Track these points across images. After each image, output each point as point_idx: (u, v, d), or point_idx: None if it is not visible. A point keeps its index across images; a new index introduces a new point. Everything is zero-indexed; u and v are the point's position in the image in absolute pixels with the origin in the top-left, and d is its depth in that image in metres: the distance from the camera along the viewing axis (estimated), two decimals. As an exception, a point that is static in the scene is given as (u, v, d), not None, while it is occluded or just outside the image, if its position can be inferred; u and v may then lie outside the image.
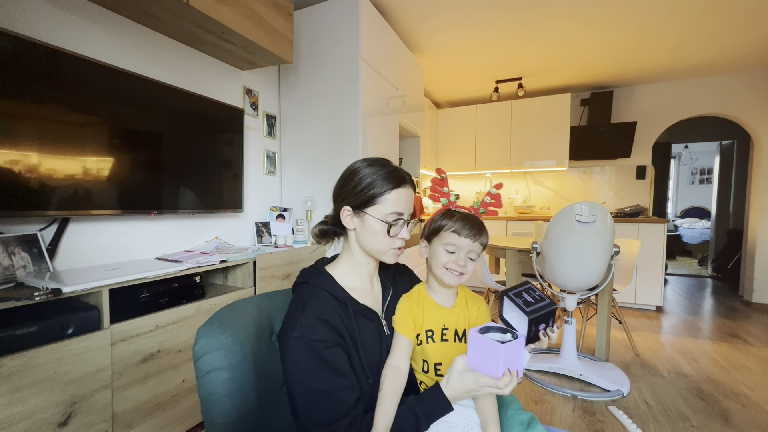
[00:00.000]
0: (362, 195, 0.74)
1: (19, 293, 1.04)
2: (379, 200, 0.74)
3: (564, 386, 1.96)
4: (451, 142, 4.36)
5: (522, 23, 2.65)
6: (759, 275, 3.61)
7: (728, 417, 1.70)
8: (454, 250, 0.76)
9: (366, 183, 0.74)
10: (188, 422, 1.44)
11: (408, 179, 0.77)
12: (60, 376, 1.04)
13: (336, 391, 0.64)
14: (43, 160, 1.23)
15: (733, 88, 3.65)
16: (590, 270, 1.92)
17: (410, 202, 0.77)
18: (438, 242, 0.79)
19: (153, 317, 1.32)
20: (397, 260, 0.80)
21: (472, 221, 0.77)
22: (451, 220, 0.78)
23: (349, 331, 0.71)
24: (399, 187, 0.74)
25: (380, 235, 0.74)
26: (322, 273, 0.77)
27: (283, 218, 2.30)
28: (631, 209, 3.62)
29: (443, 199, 0.84)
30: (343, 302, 0.73)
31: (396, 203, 0.74)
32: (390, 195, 0.74)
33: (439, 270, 0.78)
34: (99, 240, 1.52)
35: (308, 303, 0.70)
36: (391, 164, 0.78)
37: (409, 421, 0.66)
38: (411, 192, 0.78)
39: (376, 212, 0.74)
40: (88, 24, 1.45)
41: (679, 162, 8.07)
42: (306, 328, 0.66)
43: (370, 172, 0.75)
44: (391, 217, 0.74)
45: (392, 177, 0.75)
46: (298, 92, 2.37)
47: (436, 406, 0.67)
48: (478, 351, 0.64)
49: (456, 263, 0.76)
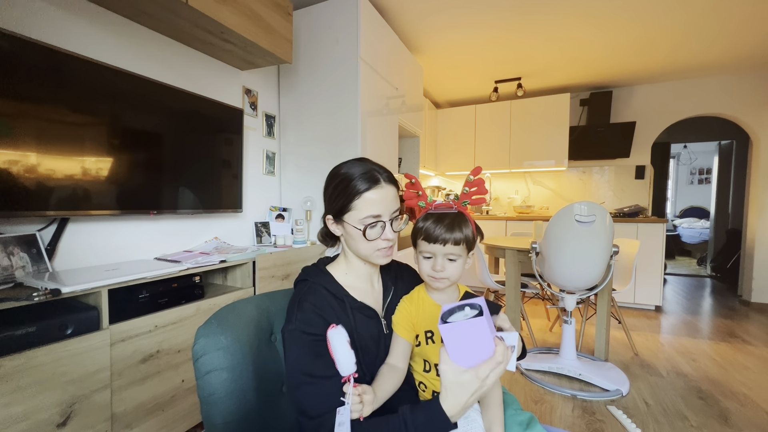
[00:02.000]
0: (337, 203, 0.73)
1: (18, 293, 1.04)
2: (352, 206, 0.72)
3: (563, 386, 1.96)
4: (450, 142, 4.36)
5: (521, 23, 2.65)
6: (758, 275, 3.62)
7: (727, 416, 1.70)
8: (430, 255, 0.75)
9: (340, 189, 0.73)
10: (187, 423, 1.44)
11: (384, 177, 0.73)
12: (59, 376, 1.04)
13: (326, 384, 0.64)
14: (42, 160, 1.23)
15: (732, 88, 3.65)
16: (589, 270, 1.92)
17: (390, 201, 0.73)
18: (417, 250, 0.78)
19: (152, 317, 1.31)
20: (387, 261, 0.77)
21: (441, 221, 0.73)
22: (424, 222, 0.75)
23: (345, 326, 0.71)
24: (373, 188, 0.71)
25: (360, 241, 0.73)
26: (321, 271, 0.78)
27: (282, 218, 2.30)
28: (630, 209, 3.62)
29: (420, 203, 0.81)
30: (340, 299, 0.74)
31: (371, 205, 0.71)
32: (362, 199, 0.71)
33: (425, 278, 0.78)
34: (98, 240, 1.51)
35: (305, 298, 0.71)
36: (368, 163, 0.75)
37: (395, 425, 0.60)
38: (390, 190, 0.74)
39: (351, 219, 0.72)
40: (87, 24, 1.45)
41: (678, 162, 8.09)
42: (301, 321, 0.67)
43: (344, 176, 0.73)
44: (367, 220, 0.71)
45: (364, 178, 0.71)
46: (297, 92, 2.37)
47: (432, 418, 0.58)
48: (460, 341, 0.56)
49: (434, 269, 0.74)
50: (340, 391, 0.63)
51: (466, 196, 0.81)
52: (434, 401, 0.59)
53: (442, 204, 0.79)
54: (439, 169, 4.45)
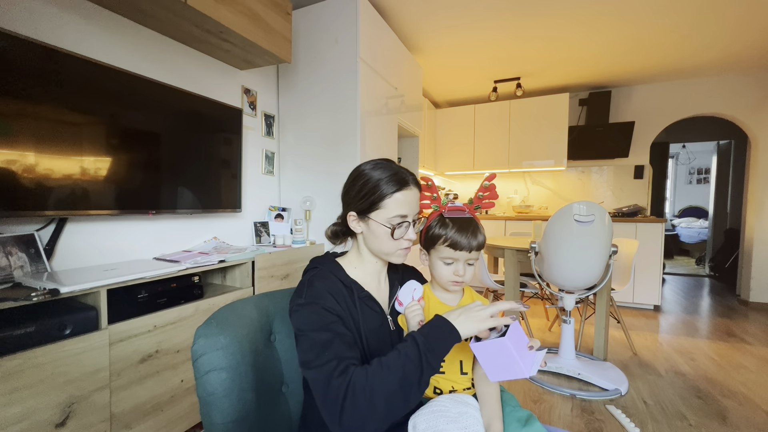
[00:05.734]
0: (365, 200, 0.75)
1: (16, 294, 1.03)
2: (381, 205, 0.74)
3: (562, 385, 1.96)
4: (449, 141, 4.36)
5: (520, 23, 2.66)
6: (756, 274, 3.62)
7: (725, 415, 1.71)
8: (452, 261, 0.77)
9: (368, 188, 0.74)
10: (187, 422, 1.44)
11: (411, 180, 0.77)
12: (58, 376, 1.04)
13: (335, 341, 0.64)
14: (41, 159, 1.22)
15: (730, 88, 3.66)
16: (588, 269, 1.92)
17: (415, 203, 0.77)
18: (435, 255, 0.79)
19: (151, 317, 1.31)
20: (405, 260, 0.80)
21: (465, 228, 0.76)
22: (446, 229, 0.77)
23: (352, 314, 0.73)
24: (402, 190, 0.74)
25: (385, 239, 0.75)
26: (331, 261, 0.80)
27: (281, 218, 2.30)
28: (629, 209, 3.63)
29: (434, 205, 0.84)
30: (348, 287, 0.76)
31: (399, 206, 0.74)
32: (392, 199, 0.73)
33: (441, 281, 0.80)
34: (97, 240, 1.51)
35: (315, 281, 0.73)
36: (395, 165, 0.77)
37: (404, 344, 0.62)
38: (415, 192, 0.77)
39: (379, 217, 0.74)
40: (85, 23, 1.44)
41: (676, 162, 8.10)
42: (311, 296, 0.69)
43: (373, 176, 0.75)
44: (395, 220, 0.74)
45: (394, 180, 0.74)
46: (296, 92, 2.37)
47: (432, 326, 0.64)
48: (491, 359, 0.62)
49: (456, 274, 0.76)
50: (344, 348, 0.64)
51: (479, 200, 0.83)
52: (435, 317, 0.65)
53: (455, 207, 0.80)
54: (439, 169, 4.46)
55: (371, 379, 0.58)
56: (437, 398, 0.75)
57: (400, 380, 0.58)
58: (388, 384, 0.58)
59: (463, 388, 0.78)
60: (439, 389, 0.78)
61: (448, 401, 0.73)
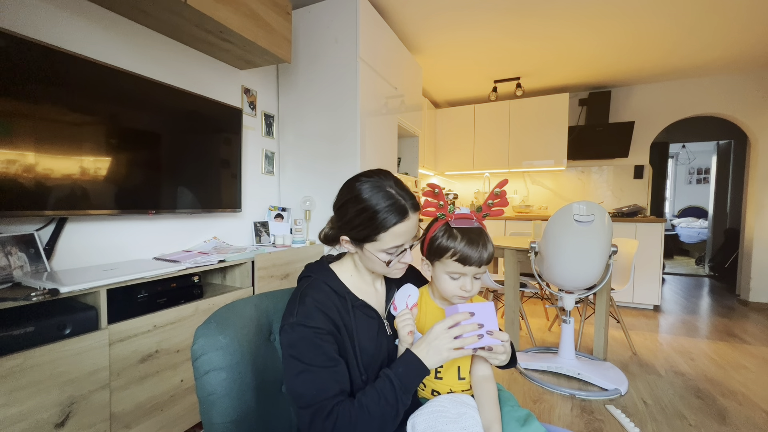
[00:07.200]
0: (360, 231, 0.71)
1: (16, 293, 1.03)
2: (378, 238, 0.70)
3: (562, 385, 1.96)
4: (449, 141, 4.36)
5: (520, 23, 2.65)
6: (756, 274, 3.62)
7: (725, 415, 1.71)
8: (459, 276, 0.73)
9: (365, 218, 0.69)
10: (186, 422, 1.44)
11: (410, 206, 0.71)
12: (57, 376, 1.04)
13: (323, 373, 0.64)
14: (40, 159, 1.22)
15: (730, 88, 3.66)
16: (588, 269, 1.92)
17: (413, 229, 0.73)
18: (441, 268, 0.75)
19: (151, 317, 1.31)
20: (401, 274, 0.79)
21: (475, 241, 0.71)
22: (454, 242, 0.72)
23: (346, 324, 0.72)
24: (401, 222, 0.69)
25: (379, 265, 0.74)
26: (325, 269, 0.78)
27: (281, 218, 2.30)
28: (628, 209, 3.63)
29: (440, 214, 0.79)
30: (342, 296, 0.74)
31: (396, 238, 0.70)
32: (390, 233, 0.69)
33: (446, 295, 0.76)
34: (96, 240, 1.51)
35: (307, 293, 0.71)
36: (394, 187, 0.71)
37: (382, 385, 0.65)
38: (413, 219, 0.72)
39: (373, 248, 0.71)
40: (85, 22, 1.44)
41: (676, 162, 8.11)
42: (302, 315, 0.68)
43: (370, 203, 0.69)
44: (391, 251, 0.71)
45: (393, 210, 0.68)
46: (296, 92, 2.37)
47: (405, 364, 0.67)
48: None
49: (462, 289, 0.73)
50: (335, 382, 0.64)
51: (488, 208, 0.79)
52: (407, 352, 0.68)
53: (462, 215, 0.76)
54: (438, 169, 4.45)
55: (353, 422, 0.62)
56: (436, 398, 0.75)
57: (379, 424, 0.63)
58: (369, 428, 0.63)
59: (460, 391, 0.78)
60: (437, 392, 0.78)
61: (447, 401, 0.73)
